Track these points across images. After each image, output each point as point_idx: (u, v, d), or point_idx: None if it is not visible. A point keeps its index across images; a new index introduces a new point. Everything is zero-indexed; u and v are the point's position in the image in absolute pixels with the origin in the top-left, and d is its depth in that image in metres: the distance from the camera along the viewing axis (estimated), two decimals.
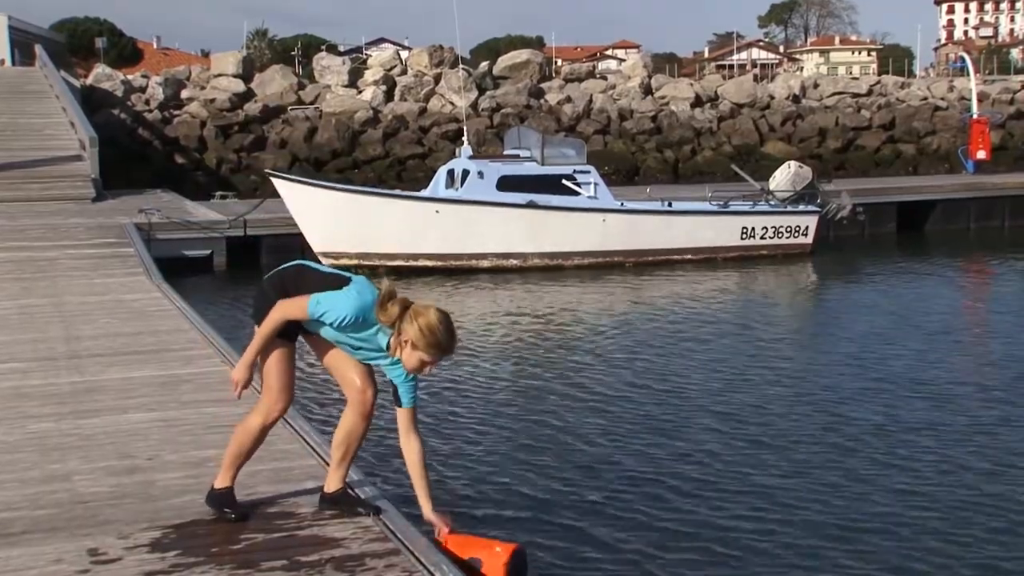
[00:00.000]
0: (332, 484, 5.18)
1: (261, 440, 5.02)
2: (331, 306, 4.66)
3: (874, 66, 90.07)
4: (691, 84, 36.59)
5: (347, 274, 4.88)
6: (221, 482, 5.03)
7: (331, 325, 4.69)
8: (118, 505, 5.31)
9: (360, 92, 31.87)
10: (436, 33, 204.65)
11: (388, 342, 4.74)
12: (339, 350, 4.92)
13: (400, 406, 4.99)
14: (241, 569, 4.55)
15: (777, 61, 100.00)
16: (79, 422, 6.81)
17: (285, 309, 4.72)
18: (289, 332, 4.85)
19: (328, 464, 5.81)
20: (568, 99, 33.22)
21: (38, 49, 32.49)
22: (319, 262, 5.47)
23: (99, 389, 7.69)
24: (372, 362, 4.92)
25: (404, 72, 33.18)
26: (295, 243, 18.02)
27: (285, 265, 5.02)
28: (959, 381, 11.17)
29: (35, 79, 29.29)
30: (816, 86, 38.06)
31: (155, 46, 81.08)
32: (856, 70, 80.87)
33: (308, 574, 4.52)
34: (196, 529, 4.94)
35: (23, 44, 47.21)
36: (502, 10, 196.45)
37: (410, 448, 5.03)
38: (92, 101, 28.89)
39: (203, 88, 30.84)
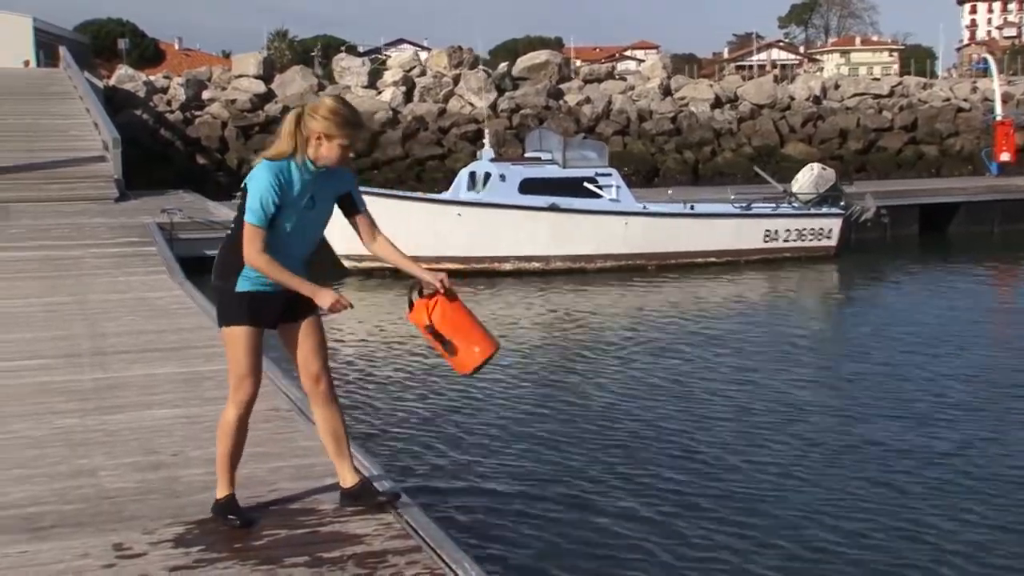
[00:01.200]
0: (347, 479, 5.14)
1: (243, 432, 4.94)
2: (257, 199, 4.57)
3: (896, 67, 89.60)
4: (711, 85, 36.52)
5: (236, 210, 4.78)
6: (220, 491, 5.00)
7: (276, 204, 4.58)
8: (143, 501, 5.34)
9: (379, 93, 31.94)
10: (455, 34, 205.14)
11: (309, 162, 4.66)
12: (299, 339, 4.86)
13: (359, 212, 4.96)
14: (264, 565, 4.57)
15: (797, 62, 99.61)
16: (104, 418, 6.86)
17: (251, 247, 4.60)
18: (261, 317, 4.78)
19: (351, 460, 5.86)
20: (587, 100, 33.20)
21: (62, 50, 32.71)
22: (341, 265, 5.50)
23: (123, 385, 7.74)
24: (326, 203, 4.82)
25: (423, 73, 33.23)
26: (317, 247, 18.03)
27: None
28: (985, 387, 11.08)
29: (59, 80, 29.48)
30: (837, 87, 37.91)
31: (177, 47, 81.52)
32: (877, 71, 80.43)
33: (330, 570, 4.53)
34: (219, 525, 4.96)
35: (48, 45, 47.56)
36: (521, 11, 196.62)
37: (383, 244, 5.03)
38: (115, 102, 29.07)
39: (224, 89, 30.98)
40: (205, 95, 30.69)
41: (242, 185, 4.72)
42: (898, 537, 6.92)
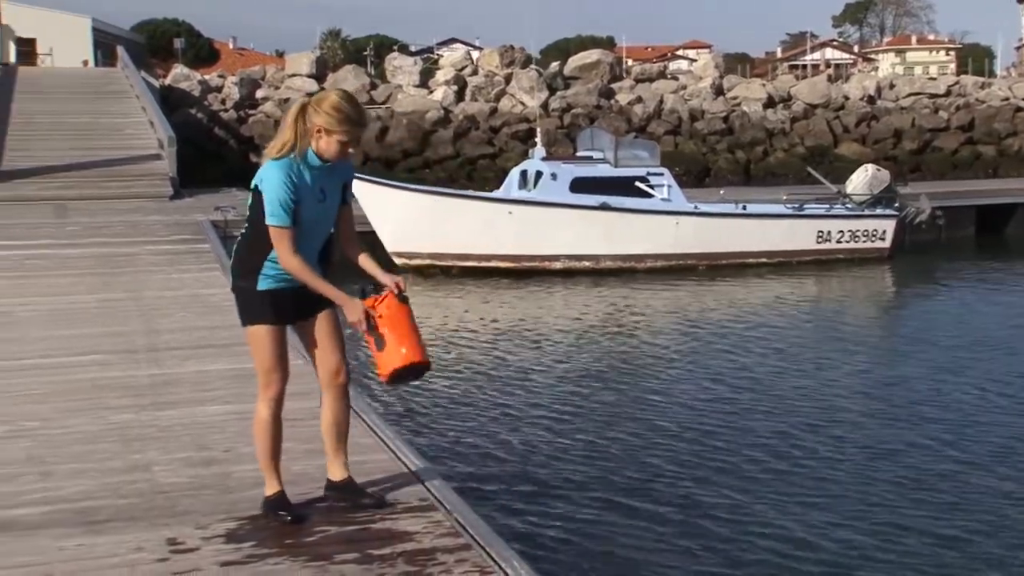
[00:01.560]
0: (337, 473, 5.16)
1: (278, 428, 4.99)
2: (275, 199, 4.59)
3: (952, 66, 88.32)
4: (763, 84, 36.23)
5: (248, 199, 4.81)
6: (269, 488, 5.05)
7: (293, 201, 4.60)
8: (195, 496, 5.40)
9: (431, 92, 32.04)
10: (507, 34, 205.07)
11: (313, 155, 4.67)
12: (316, 333, 4.90)
13: (345, 203, 4.94)
14: (314, 561, 4.61)
15: (852, 61, 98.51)
16: (157, 414, 6.94)
17: (286, 254, 4.64)
18: (284, 314, 4.83)
19: (400, 458, 5.88)
20: (639, 99, 33.08)
21: (120, 50, 33.18)
22: (392, 263, 5.49)
23: (176, 382, 7.83)
24: (334, 195, 4.83)
25: (475, 72, 33.29)
26: (366, 241, 18.08)
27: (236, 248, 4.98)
28: None
29: (116, 79, 29.89)
30: (892, 86, 37.43)
31: (231, 47, 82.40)
32: (933, 70, 79.37)
33: (380, 567, 4.55)
34: (270, 521, 5.00)
35: (106, 45, 48.29)
36: (572, 10, 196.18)
37: (351, 243, 5.01)
38: (170, 101, 29.42)
39: (277, 88, 31.25)
40: (258, 94, 30.97)
41: (252, 186, 4.74)
42: (940, 544, 6.83)
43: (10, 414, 6.93)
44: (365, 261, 4.99)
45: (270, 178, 4.63)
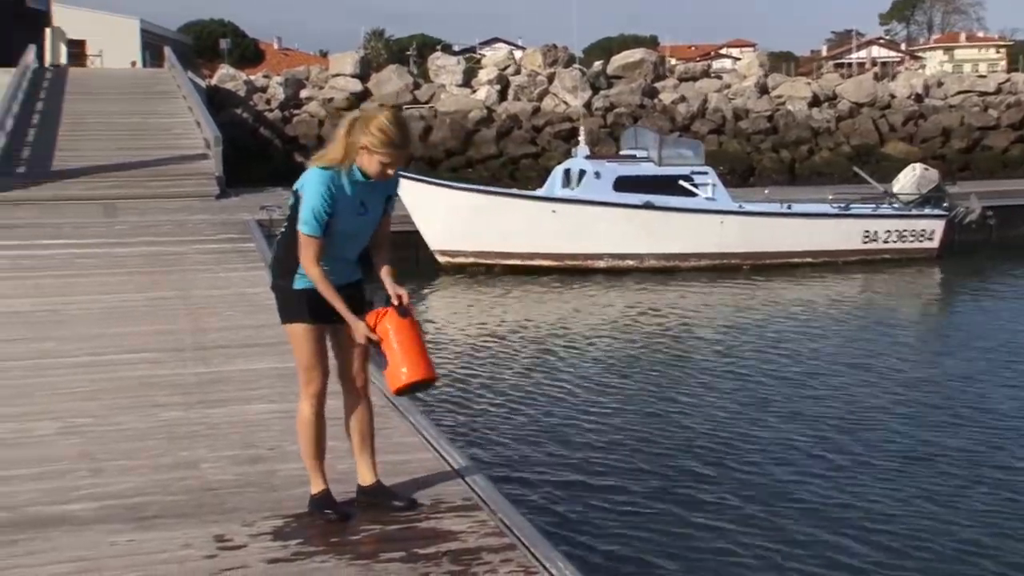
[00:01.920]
0: (367, 477, 5.20)
1: (321, 426, 5.03)
2: (310, 209, 4.63)
3: (1003, 63, 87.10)
4: (808, 83, 35.93)
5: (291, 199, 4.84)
6: (314, 487, 5.09)
7: (328, 213, 4.64)
8: (242, 493, 5.45)
9: (474, 92, 32.07)
10: (550, 33, 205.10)
11: (357, 170, 4.69)
12: (345, 336, 4.91)
13: (385, 215, 4.94)
14: (360, 560, 4.64)
15: (899, 59, 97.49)
16: (205, 411, 7.02)
17: (308, 262, 4.69)
18: (320, 314, 4.84)
19: (444, 457, 5.91)
20: (682, 98, 32.93)
21: (167, 51, 33.48)
22: (436, 262, 5.49)
23: (223, 380, 7.91)
24: (376, 208, 4.84)
25: (518, 72, 33.28)
26: (411, 240, 18.23)
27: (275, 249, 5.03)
28: None
29: (164, 80, 30.21)
30: (940, 84, 36.96)
31: (276, 47, 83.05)
32: (983, 68, 78.28)
33: (425, 567, 4.57)
34: (316, 519, 5.04)
35: (153, 46, 48.81)
36: (615, 9, 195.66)
37: (387, 251, 4.99)
38: (216, 101, 29.68)
39: (321, 88, 31.41)
40: (303, 94, 31.16)
41: (293, 188, 4.79)
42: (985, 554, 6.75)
43: (62, 411, 7.04)
44: (384, 270, 4.97)
45: (310, 186, 4.67)
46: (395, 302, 4.80)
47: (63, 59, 34.71)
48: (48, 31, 36.28)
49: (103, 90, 28.29)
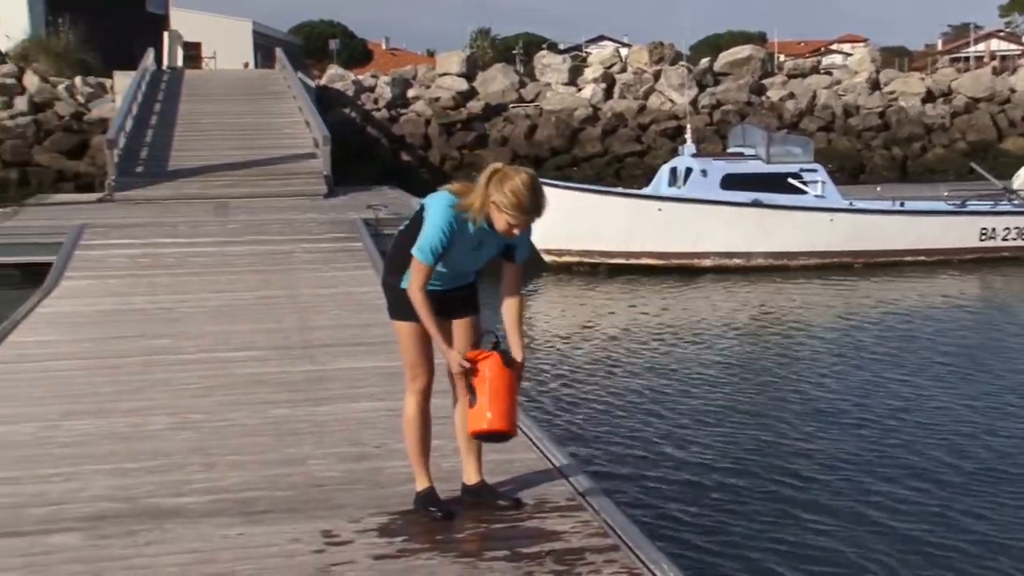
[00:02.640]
0: (470, 476, 5.23)
1: (426, 423, 5.09)
2: (428, 240, 4.70)
3: None
4: (922, 78, 35.02)
5: (418, 205, 4.91)
6: (419, 484, 5.15)
7: (444, 247, 4.70)
8: (349, 490, 5.54)
9: (580, 90, 32.01)
10: (656, 30, 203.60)
11: (481, 219, 4.72)
12: (454, 339, 4.95)
13: (514, 262, 4.95)
14: (464, 558, 4.67)
15: (1019, 53, 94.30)
16: (312, 409, 7.14)
17: (414, 286, 4.75)
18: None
19: (547, 457, 5.92)
20: (790, 95, 32.40)
21: (278, 52, 34.10)
22: (542, 261, 5.53)
23: (330, 378, 8.03)
24: (491, 249, 4.88)
25: (624, 70, 33.11)
26: None
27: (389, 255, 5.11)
28: None
29: (275, 80, 30.77)
30: None
31: (384, 47, 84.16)
32: None
33: (528, 566, 4.59)
34: (421, 517, 5.09)
35: (265, 48, 49.87)
36: (723, 5, 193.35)
37: (515, 302, 4.97)
38: (325, 100, 30.14)
39: (428, 87, 31.68)
40: (410, 93, 31.47)
41: (421, 204, 4.87)
42: None
43: (176, 406, 7.24)
44: (509, 316, 4.98)
45: (433, 215, 4.74)
46: (510, 354, 4.86)
47: (179, 61, 35.52)
48: (166, 34, 37.22)
49: (217, 91, 28.96)
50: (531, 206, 4.65)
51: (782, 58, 41.66)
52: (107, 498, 5.47)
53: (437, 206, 4.76)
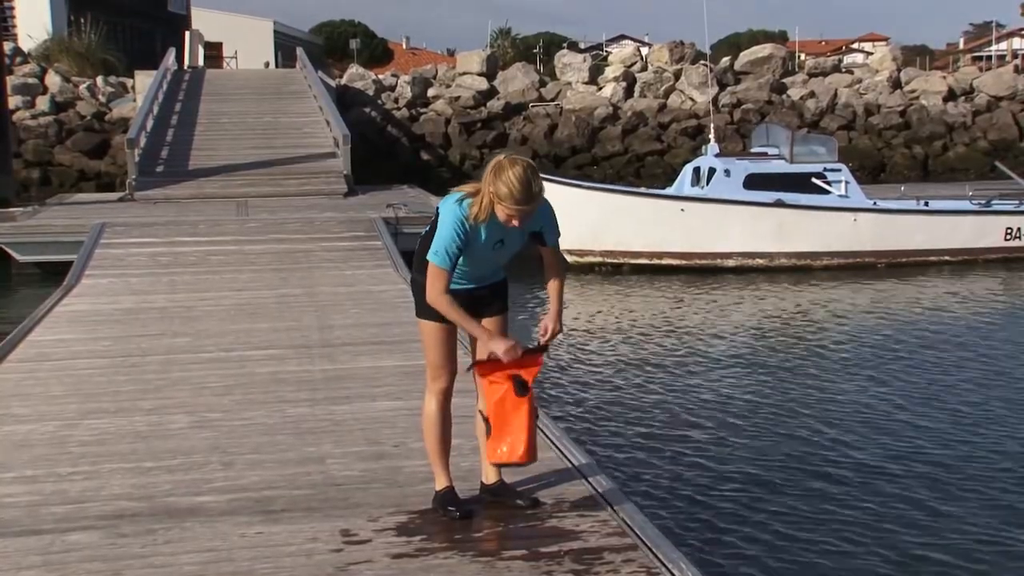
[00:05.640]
0: (489, 475, 5.21)
1: (446, 423, 5.07)
2: (440, 244, 4.70)
3: None
4: (944, 77, 34.79)
5: (436, 205, 4.92)
6: (438, 483, 5.13)
7: (460, 249, 4.71)
8: (367, 489, 5.53)
9: (600, 89, 31.97)
10: (676, 29, 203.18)
11: (487, 214, 4.73)
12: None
13: (546, 245, 4.99)
14: (482, 557, 4.65)
15: None
16: (331, 408, 7.14)
17: (433, 288, 4.73)
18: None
19: (566, 456, 5.89)
20: (811, 94, 32.26)
21: (299, 51, 34.17)
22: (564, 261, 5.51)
23: (349, 377, 8.03)
24: (515, 242, 4.89)
25: (644, 69, 33.05)
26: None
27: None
28: None
29: (295, 80, 30.85)
30: None
31: (404, 46, 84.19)
32: None
33: (547, 565, 4.57)
34: (440, 516, 5.07)
35: (285, 47, 50.00)
36: (744, 4, 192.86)
37: (557, 279, 5.04)
38: (345, 100, 30.19)
39: (448, 86, 31.70)
40: (430, 92, 31.49)
41: (437, 207, 4.89)
42: None
43: (195, 405, 7.25)
44: (552, 290, 5.04)
45: (444, 219, 4.77)
46: (541, 339, 4.90)
47: (200, 61, 35.68)
48: (187, 34, 37.39)
49: (237, 90, 29.05)
50: (524, 197, 4.64)
51: (803, 57, 41.52)
52: (126, 497, 5.47)
53: (445, 210, 4.79)
